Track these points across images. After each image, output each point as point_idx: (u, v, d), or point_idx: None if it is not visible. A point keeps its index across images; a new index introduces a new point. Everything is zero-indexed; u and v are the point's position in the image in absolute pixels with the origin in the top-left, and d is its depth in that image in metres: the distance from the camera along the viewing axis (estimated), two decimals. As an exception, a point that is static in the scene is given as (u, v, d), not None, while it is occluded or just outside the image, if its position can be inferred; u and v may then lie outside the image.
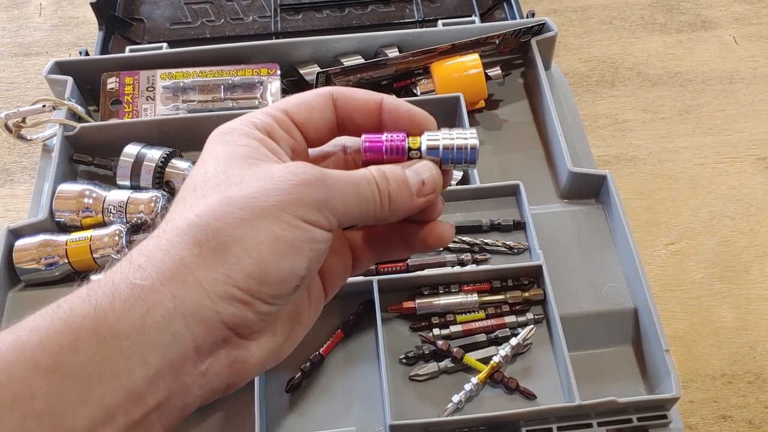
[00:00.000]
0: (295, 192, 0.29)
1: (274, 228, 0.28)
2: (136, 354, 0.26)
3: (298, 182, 0.29)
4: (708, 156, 0.85)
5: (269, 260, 0.28)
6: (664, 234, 0.79)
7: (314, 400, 0.54)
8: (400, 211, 0.33)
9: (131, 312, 0.27)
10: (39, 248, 0.58)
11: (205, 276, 0.28)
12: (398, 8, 0.85)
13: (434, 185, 0.34)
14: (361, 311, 0.56)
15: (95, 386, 0.25)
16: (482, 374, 0.53)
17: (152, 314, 0.27)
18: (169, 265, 0.28)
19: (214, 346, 0.29)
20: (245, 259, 0.28)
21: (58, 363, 0.25)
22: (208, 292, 0.28)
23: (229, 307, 0.28)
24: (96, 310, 0.26)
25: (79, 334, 0.26)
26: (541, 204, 0.64)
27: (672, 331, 0.72)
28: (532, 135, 0.70)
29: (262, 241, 0.28)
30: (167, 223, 0.30)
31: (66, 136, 0.66)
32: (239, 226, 0.28)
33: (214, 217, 0.28)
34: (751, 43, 0.96)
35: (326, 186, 0.30)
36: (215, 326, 0.28)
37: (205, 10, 0.85)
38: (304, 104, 0.34)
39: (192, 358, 0.28)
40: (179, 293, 0.27)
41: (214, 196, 0.29)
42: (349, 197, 0.31)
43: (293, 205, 0.29)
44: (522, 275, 0.58)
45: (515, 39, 0.71)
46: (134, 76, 0.70)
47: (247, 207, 0.28)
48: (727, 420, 0.67)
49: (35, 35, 1.00)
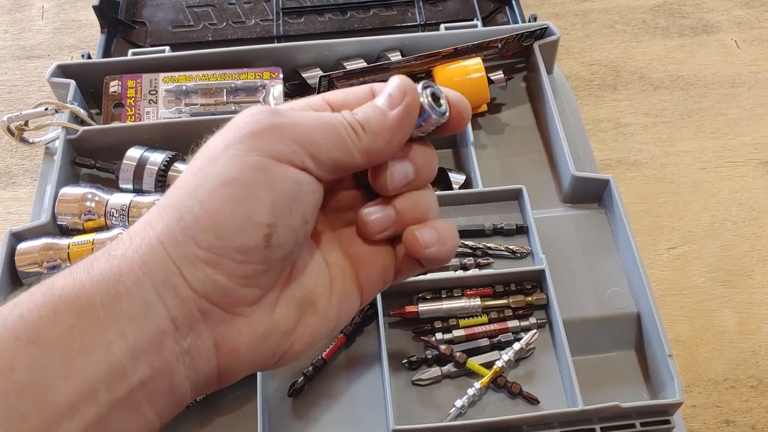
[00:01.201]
0: (245, 126, 0.28)
1: (225, 170, 0.27)
2: (113, 324, 0.26)
3: (250, 118, 0.28)
4: (710, 160, 0.85)
5: (222, 208, 0.27)
6: (666, 238, 0.79)
7: (317, 405, 0.54)
8: (381, 134, 0.30)
9: (106, 280, 0.26)
10: (41, 252, 0.58)
11: (166, 238, 0.27)
12: (400, 12, 0.85)
13: (401, 90, 0.30)
14: (363, 316, 0.56)
15: (75, 358, 0.25)
16: (485, 379, 0.53)
17: (124, 281, 0.26)
18: (139, 231, 0.27)
19: (192, 320, 0.27)
20: (198, 211, 0.27)
21: (38, 335, 0.25)
22: (171, 255, 0.26)
23: (196, 271, 0.27)
24: (75, 281, 0.26)
25: (57, 306, 0.25)
26: (543, 208, 0.64)
27: (674, 336, 0.71)
28: (534, 139, 0.70)
29: (213, 189, 0.27)
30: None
31: (68, 140, 0.66)
32: (191, 177, 0.28)
33: (180, 179, 0.28)
34: (753, 47, 0.96)
35: (280, 114, 0.28)
36: (186, 294, 0.27)
37: (207, 13, 0.85)
38: (352, 95, 0.32)
39: (171, 332, 0.27)
40: (147, 258, 0.27)
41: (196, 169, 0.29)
42: (313, 124, 0.29)
43: (245, 139, 0.27)
44: (525, 279, 0.58)
45: (517, 43, 0.72)
46: (137, 80, 0.70)
47: (202, 157, 0.28)
48: (729, 425, 0.67)
49: (37, 38, 1.00)
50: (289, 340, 0.30)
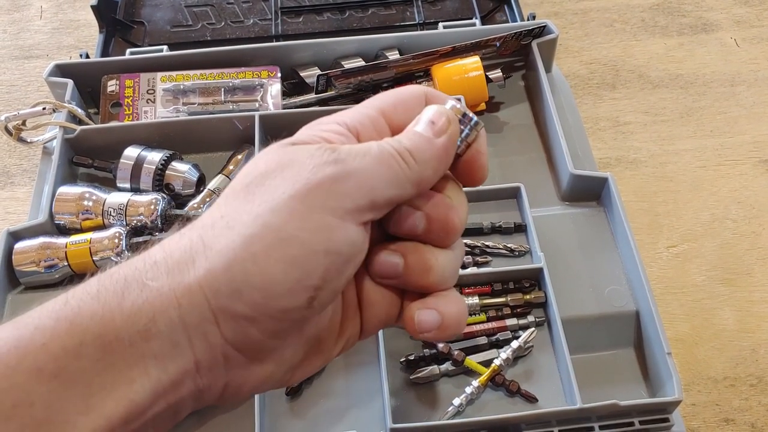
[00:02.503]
0: (313, 176, 0.26)
1: (287, 226, 0.25)
2: (139, 363, 0.25)
3: (315, 161, 0.26)
4: (709, 158, 0.85)
5: (277, 267, 0.25)
6: (665, 236, 0.79)
7: (314, 404, 0.54)
8: (429, 163, 0.28)
9: (137, 317, 0.25)
10: (39, 251, 0.58)
11: (207, 284, 0.25)
12: (399, 11, 0.85)
13: (446, 120, 0.29)
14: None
15: (97, 394, 0.24)
16: (483, 377, 0.53)
17: (156, 322, 0.25)
18: (181, 267, 0.26)
19: (214, 364, 0.26)
20: (250, 267, 0.25)
21: (61, 368, 0.24)
22: (210, 304, 0.25)
23: (232, 323, 0.26)
24: (104, 309, 0.25)
25: (84, 338, 0.24)
26: (542, 206, 0.64)
27: (674, 334, 0.71)
28: (533, 137, 0.70)
29: (270, 244, 0.25)
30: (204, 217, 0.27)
31: (66, 139, 0.66)
32: (248, 219, 0.26)
33: (233, 209, 0.26)
34: (752, 46, 0.96)
35: (343, 160, 0.27)
36: (216, 341, 0.26)
37: (205, 12, 0.85)
38: (401, 105, 0.31)
39: (192, 373, 0.26)
40: (185, 301, 0.25)
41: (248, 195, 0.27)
42: (372, 167, 0.27)
43: (311, 192, 0.26)
44: (523, 278, 0.58)
45: (516, 41, 0.71)
46: (134, 79, 0.70)
47: (261, 194, 0.26)
48: (729, 423, 0.67)
49: (36, 38, 1.00)
50: (289, 375, 0.30)
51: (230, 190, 0.28)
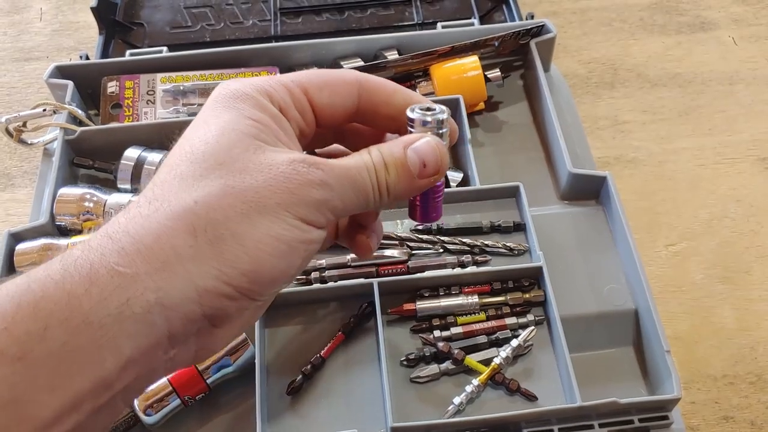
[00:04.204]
0: (298, 192, 0.28)
1: (275, 227, 0.28)
2: (110, 343, 0.25)
3: (302, 182, 0.28)
4: (708, 157, 0.85)
5: (266, 259, 0.28)
6: (664, 235, 0.79)
7: (315, 403, 0.54)
8: (402, 197, 0.32)
9: (108, 301, 0.25)
10: (40, 252, 0.58)
11: (196, 269, 0.26)
12: (398, 11, 0.85)
13: (437, 166, 0.32)
14: (361, 313, 0.56)
15: (64, 374, 0.24)
16: (483, 376, 0.53)
17: (131, 305, 0.25)
18: (158, 253, 0.26)
19: (187, 336, 0.28)
20: (242, 256, 0.27)
21: (25, 351, 0.24)
22: (197, 286, 0.27)
23: (215, 301, 0.27)
24: (70, 296, 0.25)
25: (49, 322, 0.24)
26: (541, 205, 0.64)
27: (673, 332, 0.72)
28: (531, 136, 0.70)
29: (261, 240, 0.27)
30: (158, 199, 0.27)
31: (67, 140, 0.66)
32: (239, 221, 0.27)
33: (214, 207, 0.27)
34: (750, 44, 0.96)
35: (328, 187, 0.29)
36: (195, 318, 0.27)
37: (205, 14, 0.85)
38: (328, 88, 0.32)
39: (164, 345, 0.27)
40: (164, 284, 0.26)
41: (215, 181, 0.27)
42: (349, 195, 0.30)
43: (296, 205, 0.28)
44: (522, 277, 0.58)
45: (514, 41, 0.72)
46: (134, 80, 0.70)
47: (249, 201, 0.27)
48: (729, 421, 0.67)
49: (36, 40, 1.00)
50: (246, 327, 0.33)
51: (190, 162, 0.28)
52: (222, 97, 0.30)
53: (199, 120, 0.30)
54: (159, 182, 0.28)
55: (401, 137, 0.32)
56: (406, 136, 0.32)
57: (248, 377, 0.53)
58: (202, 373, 0.52)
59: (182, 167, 0.28)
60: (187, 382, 0.52)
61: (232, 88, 0.30)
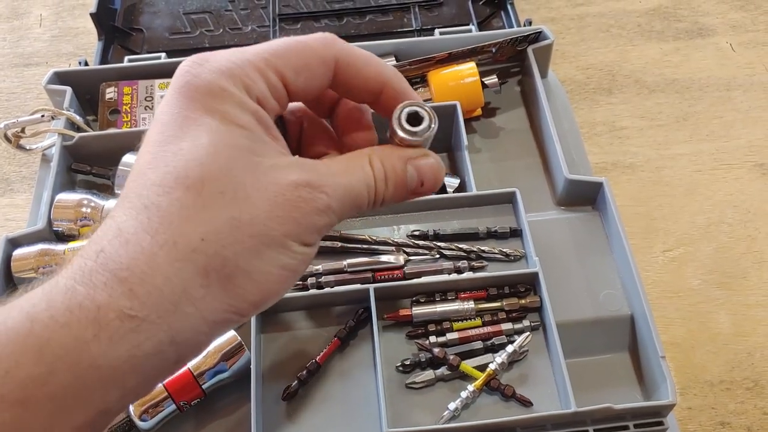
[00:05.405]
0: (304, 221, 0.28)
1: (282, 257, 0.27)
2: (117, 382, 0.25)
3: (307, 210, 0.28)
4: (705, 163, 0.85)
5: (273, 288, 0.28)
6: (661, 241, 0.79)
7: (311, 409, 0.54)
8: (392, 202, 0.32)
9: (119, 345, 0.24)
10: (37, 257, 0.58)
11: (207, 306, 0.26)
12: (396, 18, 0.85)
13: (434, 186, 0.31)
14: (357, 319, 0.56)
15: (65, 413, 0.24)
16: (479, 381, 0.53)
17: (143, 347, 0.25)
18: (168, 296, 0.25)
19: (191, 357, 0.28)
20: (251, 289, 0.27)
21: (27, 395, 0.23)
22: (208, 321, 0.26)
23: (223, 328, 0.27)
24: (77, 341, 0.24)
25: (55, 366, 0.23)
26: (537, 211, 0.64)
27: (670, 338, 0.72)
28: (528, 142, 0.70)
29: (269, 272, 0.27)
30: (159, 232, 0.25)
31: (64, 146, 0.66)
32: (248, 257, 0.26)
33: (223, 245, 0.26)
34: (748, 50, 0.96)
35: (332, 211, 0.29)
36: (203, 344, 0.27)
37: (204, 20, 0.86)
38: (305, 72, 0.29)
39: (170, 369, 0.27)
40: (177, 326, 0.26)
41: (219, 212, 0.26)
42: (347, 211, 0.30)
43: (301, 234, 0.28)
44: (518, 282, 0.58)
45: (512, 47, 0.72)
46: (133, 86, 0.71)
47: (257, 235, 0.27)
48: (725, 427, 0.67)
49: (35, 45, 1.00)
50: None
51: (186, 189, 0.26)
52: (197, 93, 0.27)
53: (175, 124, 0.27)
54: (154, 208, 0.26)
55: (404, 149, 0.31)
56: (409, 150, 0.31)
57: (244, 383, 0.53)
58: (198, 378, 0.52)
59: (178, 193, 0.26)
60: (183, 388, 0.52)
61: (206, 80, 0.27)
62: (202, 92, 0.27)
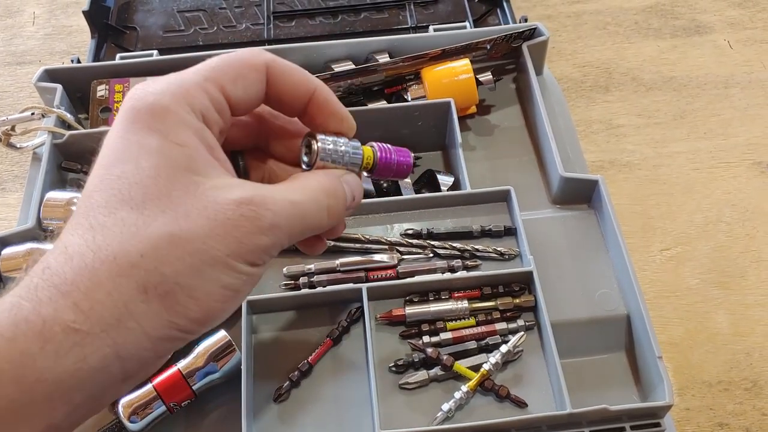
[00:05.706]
0: (247, 240, 0.28)
1: (224, 277, 0.28)
2: (63, 396, 0.25)
3: (250, 229, 0.28)
4: (703, 161, 0.85)
5: (216, 306, 0.28)
6: (659, 239, 0.78)
7: (303, 410, 0.53)
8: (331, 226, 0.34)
9: (65, 359, 0.25)
10: (25, 256, 0.57)
11: (149, 322, 0.26)
12: (391, 15, 0.85)
13: (360, 199, 0.34)
14: (349, 319, 0.56)
15: (11, 428, 0.24)
16: (472, 382, 0.53)
17: (89, 361, 0.25)
18: (111, 310, 0.26)
19: (138, 372, 0.28)
20: (192, 307, 0.27)
21: None
22: (151, 337, 0.27)
23: (167, 345, 0.28)
24: (22, 355, 0.24)
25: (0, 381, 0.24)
26: (532, 209, 0.63)
27: (667, 338, 0.71)
28: (523, 140, 0.70)
29: (211, 291, 0.28)
30: (101, 248, 0.26)
31: (55, 144, 0.65)
32: (188, 274, 0.27)
33: (162, 261, 0.26)
34: (745, 48, 0.95)
35: (278, 229, 0.29)
36: (149, 361, 0.28)
37: (198, 18, 0.85)
38: (241, 80, 0.31)
39: (117, 385, 0.27)
40: (120, 339, 0.26)
41: (159, 229, 0.27)
42: (297, 231, 0.31)
43: (244, 253, 0.28)
44: (513, 281, 0.57)
45: (506, 44, 0.71)
46: (124, 84, 0.70)
47: (197, 252, 0.27)
48: (723, 428, 0.66)
49: (28, 44, 1.00)
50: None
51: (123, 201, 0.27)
52: (140, 114, 0.28)
53: (120, 148, 0.28)
54: (99, 227, 0.27)
55: (331, 170, 0.33)
56: (336, 170, 0.34)
57: (234, 384, 0.52)
58: (188, 379, 0.52)
59: (123, 213, 0.27)
60: (173, 389, 0.51)
61: (148, 102, 0.28)
62: (145, 113, 0.28)
